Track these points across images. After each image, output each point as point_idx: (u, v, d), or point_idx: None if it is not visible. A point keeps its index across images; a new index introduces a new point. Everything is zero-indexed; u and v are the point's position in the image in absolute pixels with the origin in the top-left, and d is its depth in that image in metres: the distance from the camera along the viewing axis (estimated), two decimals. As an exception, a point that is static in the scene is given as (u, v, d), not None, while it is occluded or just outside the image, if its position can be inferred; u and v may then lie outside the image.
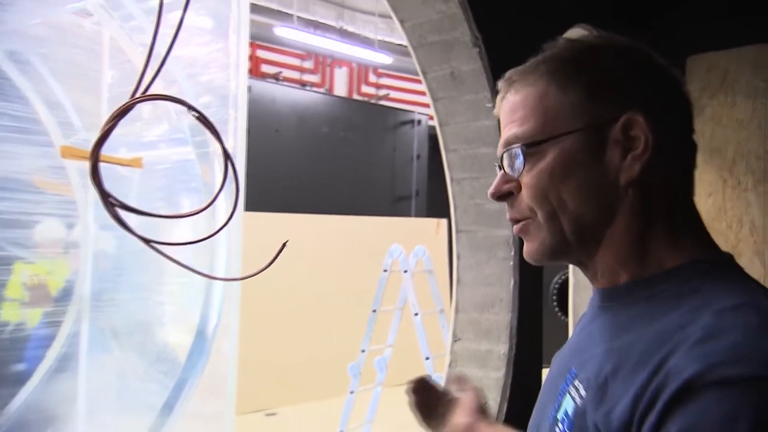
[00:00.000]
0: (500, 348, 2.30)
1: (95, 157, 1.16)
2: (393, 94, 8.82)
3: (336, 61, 8.58)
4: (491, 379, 2.29)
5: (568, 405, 0.67)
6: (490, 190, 0.74)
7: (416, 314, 4.11)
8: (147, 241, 1.24)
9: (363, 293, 4.42)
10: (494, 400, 2.27)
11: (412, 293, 4.21)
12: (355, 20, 8.17)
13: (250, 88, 6.79)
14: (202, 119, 1.25)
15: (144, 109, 3.00)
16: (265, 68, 7.94)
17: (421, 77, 2.29)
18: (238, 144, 2.83)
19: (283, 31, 7.03)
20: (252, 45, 7.73)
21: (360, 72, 8.93)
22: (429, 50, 2.20)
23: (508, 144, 0.72)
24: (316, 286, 6.30)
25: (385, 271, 4.25)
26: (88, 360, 3.37)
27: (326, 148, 7.14)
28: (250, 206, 5.69)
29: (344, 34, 7.93)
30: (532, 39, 2.71)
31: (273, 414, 6.13)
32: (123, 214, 1.23)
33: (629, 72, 0.70)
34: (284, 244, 1.67)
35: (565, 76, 0.70)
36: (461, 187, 2.37)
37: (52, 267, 3.55)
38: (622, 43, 0.73)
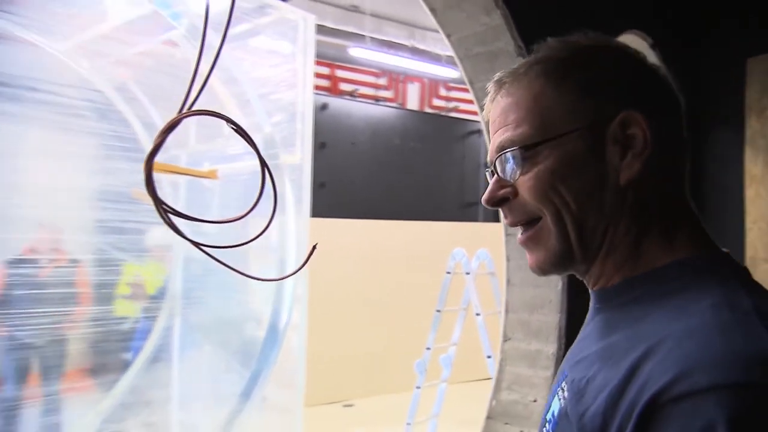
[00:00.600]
0: (549, 348, 2.21)
1: (149, 167, 1.21)
2: (462, 106, 8.73)
3: (408, 77, 8.60)
4: (540, 378, 2.20)
5: (555, 406, 0.63)
6: (484, 196, 0.68)
7: (478, 314, 4.03)
8: (196, 244, 1.28)
9: (432, 294, 4.39)
10: (544, 399, 2.18)
11: (475, 294, 4.14)
12: (425, 38, 8.17)
13: (327, 105, 6.95)
14: (240, 131, 1.27)
15: (224, 127, 3.12)
16: (343, 86, 8.08)
17: (468, 87, 2.25)
18: (305, 156, 2.89)
19: (358, 52, 7.13)
20: (331, 65, 7.89)
21: (431, 86, 8.91)
22: (475, 61, 2.16)
23: (502, 148, 0.66)
24: (388, 287, 6.32)
25: (448, 273, 4.20)
26: (180, 351, 3.53)
27: (398, 158, 7.16)
28: (327, 213, 5.82)
29: (415, 52, 7.94)
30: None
31: (350, 405, 6.19)
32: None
33: (623, 71, 0.65)
34: (314, 248, 1.68)
35: (559, 76, 0.64)
36: (510, 192, 2.31)
37: (152, 268, 3.76)
38: (615, 44, 0.68)
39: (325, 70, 7.86)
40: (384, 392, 6.32)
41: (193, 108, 1.36)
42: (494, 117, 0.68)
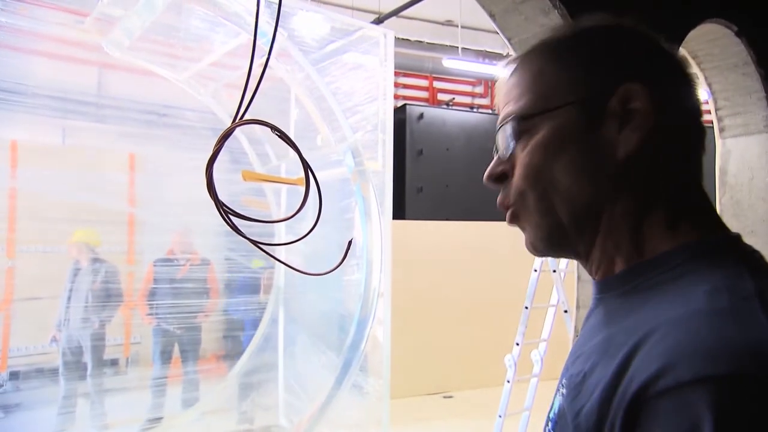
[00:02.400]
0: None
1: (209, 173, 1.28)
2: (559, 109, 8.36)
3: (504, 83, 8.39)
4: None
5: (556, 404, 0.57)
6: (485, 174, 0.62)
7: (566, 311, 3.82)
8: (255, 243, 1.34)
9: (522, 291, 4.24)
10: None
11: (562, 291, 3.93)
12: (520, 45, 7.92)
13: (422, 115, 6.93)
14: (285, 138, 1.31)
15: (317, 138, 3.23)
16: (441, 96, 8.05)
17: (534, 89, 2.15)
18: (386, 162, 2.92)
19: (452, 63, 7.07)
20: (429, 78, 7.90)
21: (527, 91, 8.62)
22: (537, 63, 2.06)
23: (502, 121, 0.61)
24: (481, 284, 6.19)
25: (536, 270, 4.02)
26: (285, 339, 3.70)
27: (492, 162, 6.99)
28: (424, 215, 5.81)
29: (510, 59, 7.74)
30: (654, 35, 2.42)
31: (450, 396, 6.13)
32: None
33: (626, 45, 0.59)
34: (350, 243, 1.68)
35: (561, 53, 0.60)
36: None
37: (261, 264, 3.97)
38: (619, 21, 0.62)
39: (423, 83, 7.88)
40: (480, 385, 6.19)
41: (259, 118, 1.42)
42: (500, 96, 0.64)
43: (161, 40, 2.84)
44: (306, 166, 1.50)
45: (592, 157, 0.56)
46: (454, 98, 8.04)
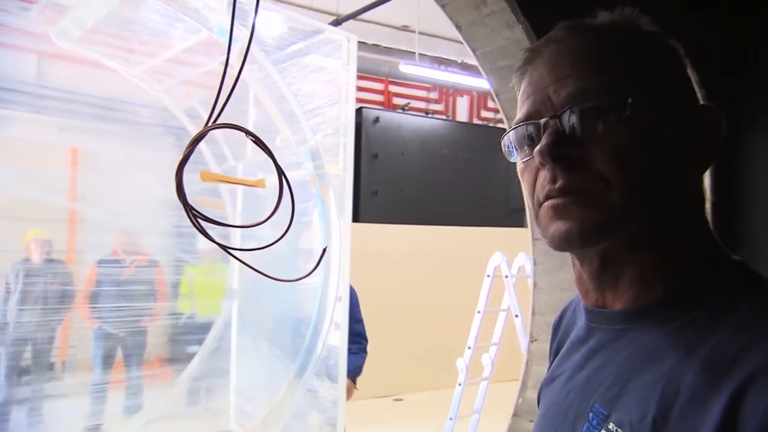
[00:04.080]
0: (575, 350, 2.13)
1: (179, 176, 1.26)
2: (510, 117, 8.59)
3: (458, 91, 8.54)
4: (566, 379, 2.12)
5: None
6: (542, 146, 0.51)
7: (516, 316, 3.94)
8: (224, 248, 1.32)
9: (476, 295, 4.34)
10: (569, 399, 2.10)
11: (513, 297, 4.04)
12: (474, 54, 8.10)
13: (378, 119, 6.97)
14: (259, 143, 1.31)
15: (276, 139, 3.20)
16: (396, 101, 8.11)
17: (495, 99, 2.21)
18: (347, 165, 2.92)
19: (409, 68, 7.14)
20: (385, 82, 7.94)
21: (479, 99, 8.80)
22: (500, 74, 2.12)
23: (584, 94, 0.51)
24: (435, 288, 6.27)
25: (488, 276, 4.13)
26: (237, 344, 3.63)
27: (447, 167, 7.11)
28: (379, 219, 5.84)
29: (465, 67, 7.87)
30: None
31: (400, 399, 6.17)
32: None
33: (688, 64, 0.57)
34: (324, 250, 1.70)
35: (656, 45, 0.55)
36: (537, 199, 2.24)
37: (211, 269, 3.89)
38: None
39: (378, 86, 7.92)
40: (430, 388, 6.27)
41: (226, 121, 1.40)
42: (560, 57, 0.53)
43: (116, 33, 2.74)
44: (280, 173, 1.49)
45: (674, 164, 0.52)
46: (409, 103, 8.12)
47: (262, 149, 1.45)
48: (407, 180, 6.71)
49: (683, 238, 0.53)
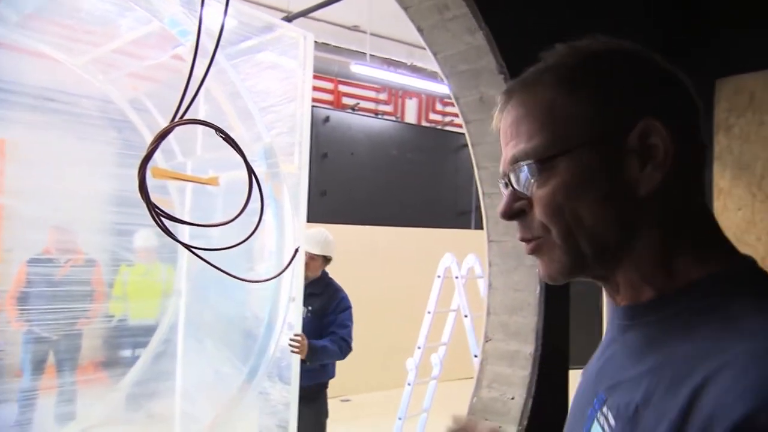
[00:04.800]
0: (527, 348, 2.20)
1: (142, 173, 1.21)
2: (457, 120, 8.75)
3: (407, 92, 8.62)
4: (518, 377, 2.19)
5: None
6: (500, 209, 0.61)
7: (466, 316, 4.02)
8: (187, 247, 1.28)
9: (426, 296, 4.39)
10: (521, 397, 2.17)
11: (464, 297, 4.13)
12: (423, 57, 8.19)
13: (328, 118, 6.93)
14: (229, 140, 1.28)
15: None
16: (346, 100, 8.10)
17: (455, 102, 2.25)
18: (302, 164, 2.90)
19: (359, 69, 7.15)
20: (334, 81, 7.91)
21: (428, 101, 8.93)
22: (460, 78, 2.16)
23: (516, 160, 0.59)
24: (384, 289, 6.31)
25: (439, 276, 4.19)
26: (184, 346, 3.52)
27: (396, 168, 7.17)
28: (328, 219, 5.82)
29: (414, 69, 7.96)
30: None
31: (347, 400, 6.16)
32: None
33: (640, 77, 0.58)
34: (296, 251, 1.70)
35: (573, 84, 0.58)
36: (492, 201, 2.30)
37: (149, 268, 3.74)
38: (628, 48, 0.60)
39: (328, 85, 7.88)
40: (379, 389, 6.30)
41: (187, 117, 1.36)
42: (505, 128, 0.62)
43: (58, 20, 2.60)
44: (250, 172, 1.46)
45: (615, 195, 0.55)
46: (359, 103, 8.13)
47: (233, 147, 1.42)
48: (357, 180, 6.72)
49: (667, 245, 0.56)
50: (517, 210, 0.60)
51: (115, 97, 3.24)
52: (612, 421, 0.54)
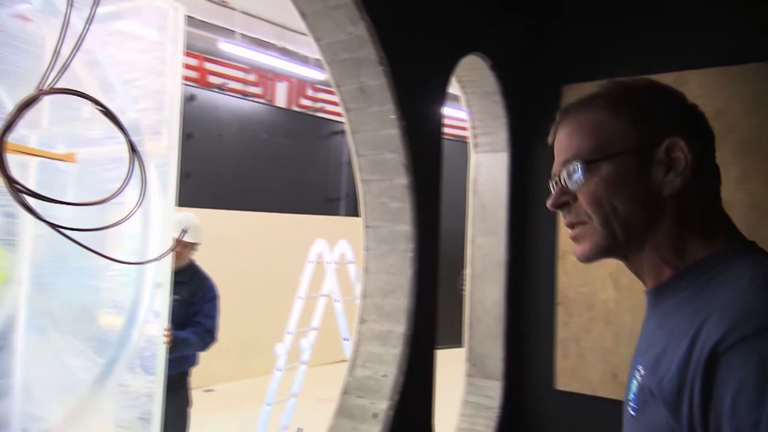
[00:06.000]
0: (399, 328, 2.32)
1: (1, 146, 1.08)
2: (328, 107, 8.77)
3: (277, 75, 8.44)
4: (390, 356, 2.31)
5: (633, 385, 0.72)
6: (549, 201, 0.79)
7: (337, 301, 4.10)
8: (53, 226, 1.17)
9: (296, 282, 4.38)
10: (393, 374, 2.28)
11: (335, 282, 4.20)
12: (295, 40, 8.07)
13: (194, 96, 6.60)
14: (108, 114, 1.19)
15: (84, 109, 2.85)
16: (212, 79, 7.72)
17: (335, 90, 2.29)
18: (171, 144, 2.74)
19: (227, 47, 6.85)
20: (200, 57, 7.50)
21: (299, 86, 8.82)
22: (341, 66, 2.20)
23: (567, 162, 0.76)
24: (253, 276, 6.18)
25: (310, 262, 4.22)
26: (26, 340, 3.17)
27: (266, 152, 7.02)
28: (192, 203, 5.54)
29: (285, 52, 7.81)
30: (432, 61, 2.76)
31: (211, 390, 5.96)
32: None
33: (668, 105, 0.76)
34: (184, 231, 1.63)
35: (617, 108, 0.75)
36: (369, 188, 2.38)
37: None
38: (660, 84, 0.79)
39: (193, 62, 7.45)
40: (246, 377, 6.18)
41: (51, 87, 1.24)
42: (560, 138, 0.79)
43: None
44: (133, 149, 1.37)
45: (643, 194, 0.73)
46: (226, 83, 7.79)
47: (112, 121, 1.32)
48: (224, 163, 6.46)
49: (682, 234, 0.73)
50: (563, 202, 0.78)
51: (-62, 55, 2.78)
52: (642, 372, 0.71)
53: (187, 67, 7.33)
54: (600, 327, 3.04)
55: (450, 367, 3.57)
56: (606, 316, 3.03)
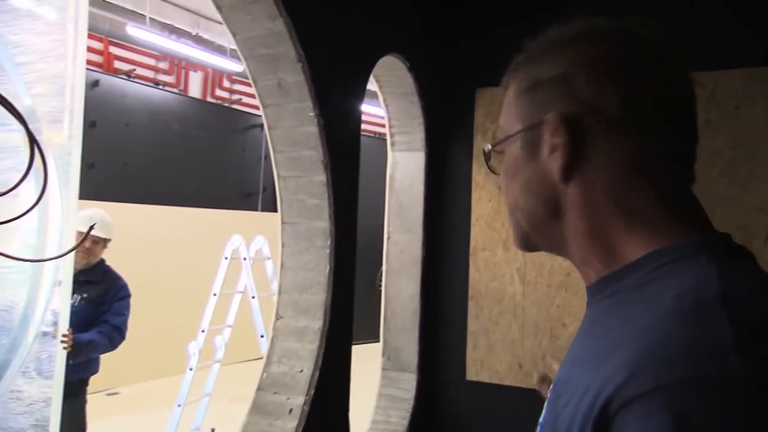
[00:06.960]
0: (315, 324, 2.33)
1: None
2: (245, 100, 8.55)
3: (191, 65, 8.11)
4: (307, 351, 2.32)
5: (544, 408, 0.59)
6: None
7: (253, 297, 4.04)
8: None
9: (209, 279, 4.25)
10: (309, 369, 2.30)
11: (251, 278, 4.13)
12: (210, 29, 7.79)
13: (98, 82, 6.22)
14: (5, 103, 1.11)
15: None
16: (119, 65, 7.28)
17: (252, 85, 2.25)
18: (73, 133, 2.58)
19: (136, 32, 6.49)
20: (105, 41, 7.06)
21: (215, 77, 8.53)
22: (258, 61, 2.17)
23: (492, 138, 0.66)
24: (164, 272, 5.92)
25: (226, 258, 4.12)
26: None
27: (178, 144, 6.74)
28: (96, 195, 5.23)
29: (200, 41, 7.52)
30: (350, 59, 2.78)
31: (115, 393, 5.65)
32: None
33: (588, 66, 0.57)
34: (91, 227, 1.56)
35: (523, 77, 0.61)
36: (286, 184, 2.37)
37: None
38: (604, 30, 0.60)
39: (98, 45, 7.00)
40: (154, 377, 5.92)
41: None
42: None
43: None
44: (32, 139, 1.29)
45: (536, 180, 0.60)
46: (135, 69, 7.38)
47: (5, 107, 1.23)
48: (132, 154, 6.12)
49: (594, 230, 0.58)
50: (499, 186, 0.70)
51: None
52: (550, 395, 0.57)
53: (91, 50, 6.88)
54: (508, 319, 3.22)
55: (368, 362, 3.63)
56: (513, 309, 3.20)
